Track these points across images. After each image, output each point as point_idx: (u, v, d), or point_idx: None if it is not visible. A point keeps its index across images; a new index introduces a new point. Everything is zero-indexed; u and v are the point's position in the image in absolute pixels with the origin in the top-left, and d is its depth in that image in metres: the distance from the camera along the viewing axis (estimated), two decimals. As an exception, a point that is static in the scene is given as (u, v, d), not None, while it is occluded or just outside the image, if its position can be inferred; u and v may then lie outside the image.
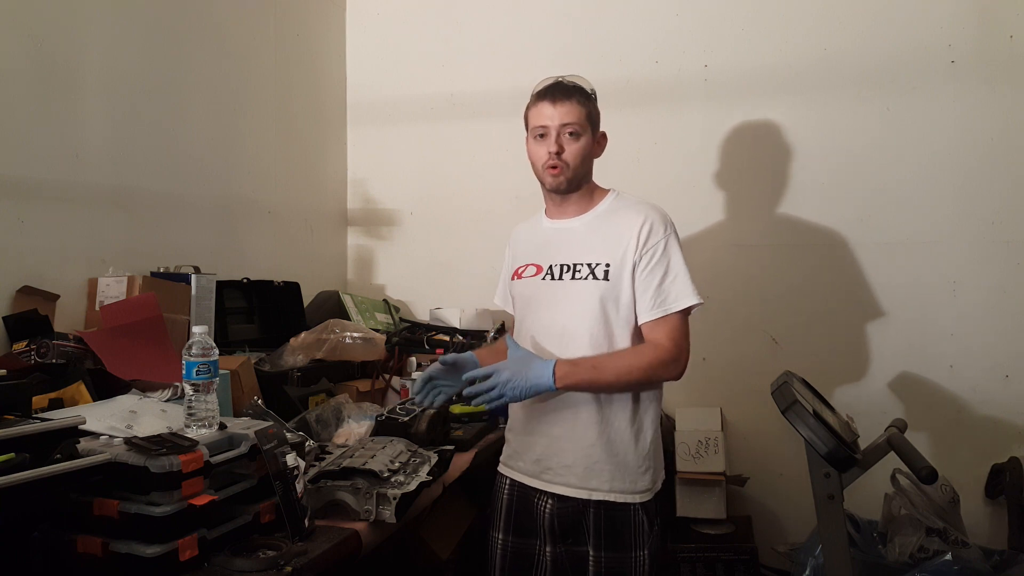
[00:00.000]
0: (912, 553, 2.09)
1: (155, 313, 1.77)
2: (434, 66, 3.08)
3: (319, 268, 3.01)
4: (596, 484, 1.59)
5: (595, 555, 1.59)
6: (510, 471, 1.73)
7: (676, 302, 1.56)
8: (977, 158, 2.49)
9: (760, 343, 2.68)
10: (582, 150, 1.62)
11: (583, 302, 1.60)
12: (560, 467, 1.62)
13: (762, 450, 2.66)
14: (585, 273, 1.61)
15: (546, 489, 1.64)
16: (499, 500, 1.73)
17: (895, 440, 1.78)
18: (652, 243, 1.58)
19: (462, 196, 3.06)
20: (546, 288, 1.66)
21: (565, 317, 1.62)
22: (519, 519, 1.69)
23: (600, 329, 1.59)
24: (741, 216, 2.72)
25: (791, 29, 2.66)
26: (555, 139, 1.61)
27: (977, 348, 2.49)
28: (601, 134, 1.69)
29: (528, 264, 1.72)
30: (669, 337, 1.56)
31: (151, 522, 1.09)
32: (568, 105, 1.60)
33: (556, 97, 1.61)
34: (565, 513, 1.62)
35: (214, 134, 2.45)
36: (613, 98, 2.23)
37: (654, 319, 1.57)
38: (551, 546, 1.64)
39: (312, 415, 1.87)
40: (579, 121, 1.60)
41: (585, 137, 1.62)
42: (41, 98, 1.85)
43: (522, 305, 1.74)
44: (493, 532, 1.73)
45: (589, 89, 1.66)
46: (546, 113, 1.62)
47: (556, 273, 1.66)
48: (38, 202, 1.84)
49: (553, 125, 1.61)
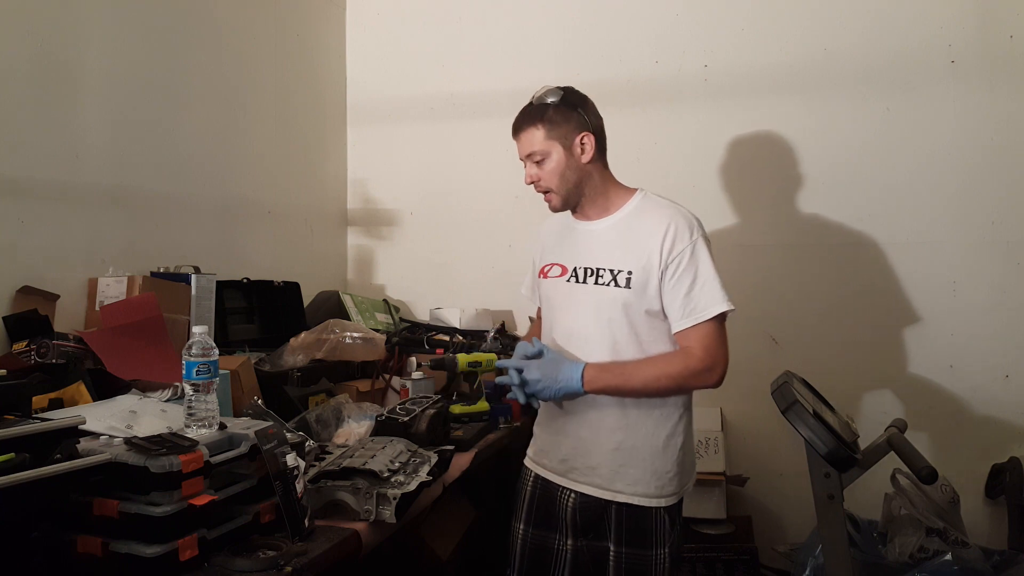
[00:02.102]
0: (912, 553, 2.09)
1: (155, 313, 1.76)
2: (434, 66, 3.08)
3: (319, 268, 3.01)
4: (620, 487, 1.60)
5: (616, 551, 1.60)
6: (536, 467, 1.74)
7: (706, 310, 1.54)
8: (977, 158, 2.49)
9: (760, 343, 2.68)
10: (555, 170, 1.62)
11: (605, 308, 1.59)
12: (585, 468, 1.63)
13: (762, 450, 2.66)
14: (607, 279, 1.60)
15: (570, 487, 1.65)
16: (523, 492, 1.75)
17: (895, 440, 1.78)
18: (678, 251, 1.56)
19: (462, 196, 3.06)
20: (570, 290, 1.66)
21: (586, 322, 1.62)
22: (541, 512, 1.70)
23: (625, 336, 1.59)
24: (741, 216, 2.72)
25: (791, 29, 2.66)
26: (527, 170, 1.65)
27: (977, 348, 2.48)
28: (582, 136, 1.62)
29: (554, 263, 1.72)
30: (701, 345, 1.55)
31: (151, 522, 1.09)
32: (524, 135, 1.64)
33: (515, 132, 1.66)
34: (588, 508, 1.63)
35: (214, 134, 2.45)
36: (613, 98, 2.24)
37: (686, 328, 1.56)
38: (572, 540, 1.66)
39: (312, 415, 1.87)
40: (538, 147, 1.62)
41: (554, 156, 1.61)
42: (41, 98, 1.85)
43: (547, 305, 1.75)
44: (515, 523, 1.74)
45: (554, 100, 1.61)
46: (517, 147, 1.67)
47: (580, 276, 1.65)
48: (38, 202, 1.84)
49: (523, 157, 1.66)
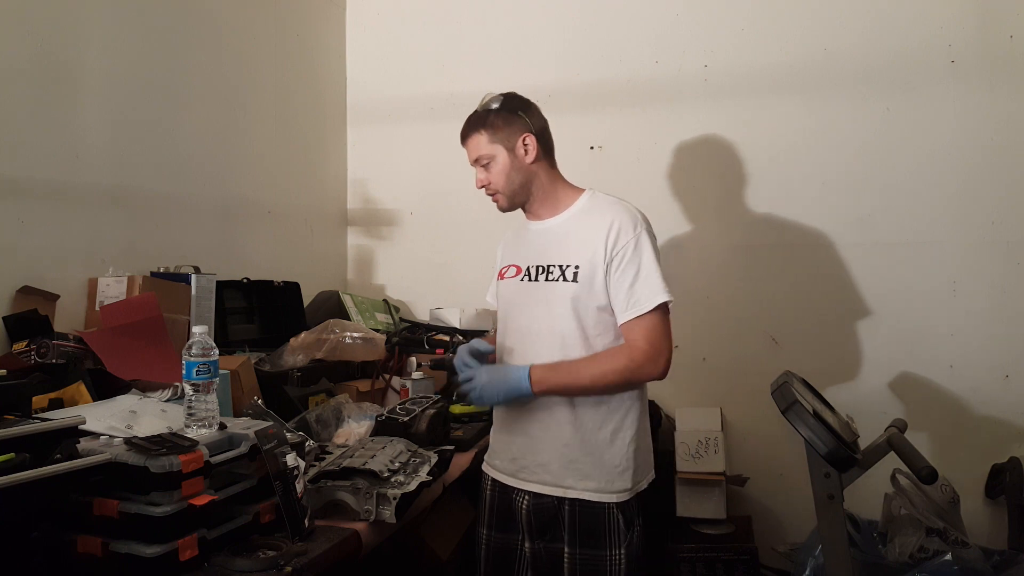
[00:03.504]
0: (912, 553, 2.08)
1: (155, 313, 1.77)
2: (434, 66, 3.08)
3: (319, 268, 3.01)
4: (571, 482, 1.61)
5: (570, 552, 1.61)
6: (491, 469, 1.76)
7: (648, 301, 1.57)
8: (977, 158, 2.49)
9: (760, 343, 2.68)
10: (500, 172, 1.69)
11: (555, 303, 1.63)
12: (535, 465, 1.64)
13: (762, 450, 2.66)
14: (556, 275, 1.64)
15: (522, 487, 1.67)
16: (484, 497, 1.77)
17: (895, 440, 1.77)
18: (622, 244, 1.59)
19: (462, 196, 3.03)
20: (524, 289, 1.70)
21: (539, 318, 1.65)
22: (501, 515, 1.72)
23: (573, 330, 1.61)
24: (741, 216, 2.72)
25: (791, 29, 2.66)
26: (476, 175, 1.72)
27: (977, 348, 2.48)
28: (524, 137, 1.67)
29: (511, 265, 1.77)
30: (645, 337, 1.57)
31: (151, 522, 1.09)
32: (471, 141, 1.72)
33: (462, 139, 1.75)
34: (541, 509, 1.64)
35: (214, 134, 2.45)
36: (613, 98, 2.26)
37: (629, 320, 1.58)
38: (530, 542, 1.67)
39: (312, 415, 1.87)
40: (483, 152, 1.70)
41: (499, 159, 1.68)
42: (41, 98, 1.85)
43: (504, 305, 1.77)
44: (480, 528, 1.76)
45: (494, 107, 1.69)
46: (467, 155, 1.75)
47: (533, 274, 1.69)
48: (38, 202, 1.84)
49: (472, 163, 1.73)
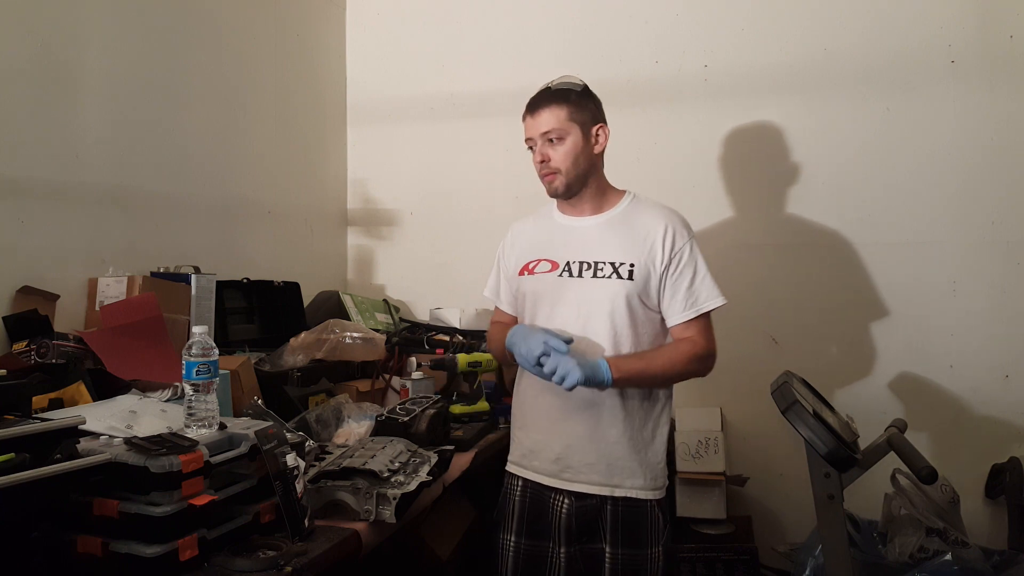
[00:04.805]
0: (912, 553, 2.08)
1: (155, 313, 1.76)
2: (434, 66, 3.08)
3: (319, 268, 3.01)
4: (619, 481, 1.61)
5: (611, 552, 1.60)
6: (523, 471, 1.71)
7: (707, 302, 1.64)
8: (977, 158, 2.49)
9: (760, 343, 2.68)
10: (570, 151, 1.63)
11: (607, 300, 1.61)
12: (582, 465, 1.62)
13: (762, 450, 2.66)
14: (608, 272, 1.62)
15: (565, 488, 1.63)
16: (510, 502, 1.71)
17: (895, 440, 1.77)
18: (679, 247, 1.63)
19: (462, 196, 3.06)
20: (563, 284, 1.66)
21: (587, 314, 1.62)
22: (532, 521, 1.67)
23: (626, 327, 1.61)
24: (741, 216, 2.72)
25: (791, 29, 2.66)
26: (539, 149, 1.65)
27: (977, 348, 2.48)
28: (599, 127, 1.67)
29: (540, 259, 1.71)
30: (702, 335, 1.64)
31: (151, 522, 1.09)
32: (544, 113, 1.64)
33: (532, 110, 1.66)
34: (583, 511, 1.62)
35: (214, 134, 2.45)
36: (613, 98, 2.21)
37: (688, 319, 1.62)
38: (566, 547, 1.64)
39: (312, 415, 1.87)
40: (558, 125, 1.62)
41: (572, 138, 1.63)
42: (41, 98, 1.85)
43: (532, 301, 1.71)
44: (504, 535, 1.70)
45: (577, 87, 1.66)
46: (528, 126, 1.67)
47: (575, 270, 1.65)
48: (38, 202, 1.84)
49: (535, 136, 1.66)
